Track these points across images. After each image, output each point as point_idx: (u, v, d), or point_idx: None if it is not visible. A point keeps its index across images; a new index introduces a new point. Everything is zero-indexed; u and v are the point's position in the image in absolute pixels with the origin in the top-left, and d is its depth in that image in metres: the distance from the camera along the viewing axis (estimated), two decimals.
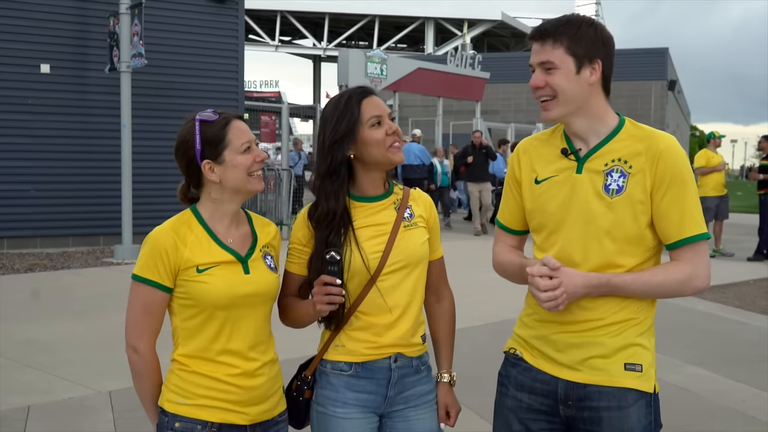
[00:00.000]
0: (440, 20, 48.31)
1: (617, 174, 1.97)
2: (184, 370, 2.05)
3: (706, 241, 1.99)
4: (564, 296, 1.91)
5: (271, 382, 2.12)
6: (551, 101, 1.99)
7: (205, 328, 2.03)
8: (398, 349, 2.16)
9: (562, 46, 1.95)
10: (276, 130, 16.08)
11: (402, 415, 2.19)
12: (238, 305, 2.03)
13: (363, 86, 2.23)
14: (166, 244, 2.01)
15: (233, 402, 2.04)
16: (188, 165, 2.07)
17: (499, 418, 2.16)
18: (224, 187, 2.06)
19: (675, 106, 45.53)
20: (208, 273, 2.01)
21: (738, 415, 4.72)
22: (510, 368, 2.15)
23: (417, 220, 2.21)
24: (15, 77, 10.98)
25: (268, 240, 2.17)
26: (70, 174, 11.41)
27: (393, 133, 2.14)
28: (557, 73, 1.96)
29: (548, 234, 2.05)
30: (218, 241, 2.06)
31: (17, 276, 9.07)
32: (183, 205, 2.16)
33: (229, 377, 2.04)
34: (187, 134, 2.05)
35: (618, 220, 1.95)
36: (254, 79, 48.48)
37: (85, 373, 5.14)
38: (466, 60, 20.67)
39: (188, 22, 12.35)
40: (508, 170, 2.22)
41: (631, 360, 1.98)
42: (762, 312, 7.83)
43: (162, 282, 2.02)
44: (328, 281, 2.03)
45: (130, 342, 2.04)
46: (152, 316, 2.04)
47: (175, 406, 2.04)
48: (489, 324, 6.63)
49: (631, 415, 1.97)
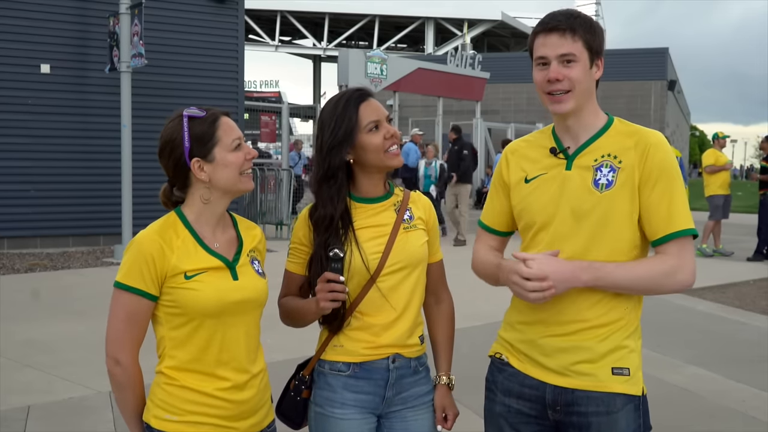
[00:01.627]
0: (440, 20, 48.33)
1: (606, 169, 1.97)
2: (171, 384, 1.94)
3: (692, 238, 1.97)
4: (549, 284, 1.88)
5: (260, 394, 2.05)
6: (566, 94, 1.97)
7: (194, 337, 1.93)
8: (396, 350, 2.16)
9: (581, 40, 1.95)
10: (276, 130, 16.09)
11: (400, 415, 2.19)
12: (227, 312, 1.94)
13: (361, 88, 2.22)
14: (152, 250, 1.89)
15: (223, 417, 1.95)
16: (175, 164, 1.95)
17: (490, 424, 2.15)
18: (213, 186, 1.97)
19: (675, 106, 45.53)
20: (196, 279, 1.91)
21: (738, 415, 4.72)
22: (497, 374, 2.14)
23: (416, 222, 2.22)
24: (15, 77, 10.98)
25: (254, 244, 2.09)
26: (70, 174, 11.41)
27: (391, 137, 2.14)
28: (576, 66, 1.95)
29: (536, 231, 2.04)
30: (205, 246, 1.96)
31: (17, 276, 9.07)
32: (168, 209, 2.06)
33: (220, 392, 1.94)
34: (174, 132, 1.95)
35: (607, 215, 1.95)
36: (254, 79, 48.56)
37: (85, 373, 5.14)
38: (466, 60, 20.67)
39: (188, 22, 12.35)
40: (495, 172, 2.21)
41: (618, 364, 1.97)
42: (762, 312, 7.83)
43: (147, 290, 1.90)
44: (331, 278, 2.03)
45: (112, 354, 1.92)
46: (136, 326, 1.92)
47: (163, 423, 1.93)
48: (489, 324, 6.62)
49: (620, 419, 1.96)
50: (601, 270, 1.92)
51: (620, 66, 32.12)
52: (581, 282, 1.92)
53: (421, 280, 2.22)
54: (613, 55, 33.84)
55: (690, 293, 8.23)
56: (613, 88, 31.89)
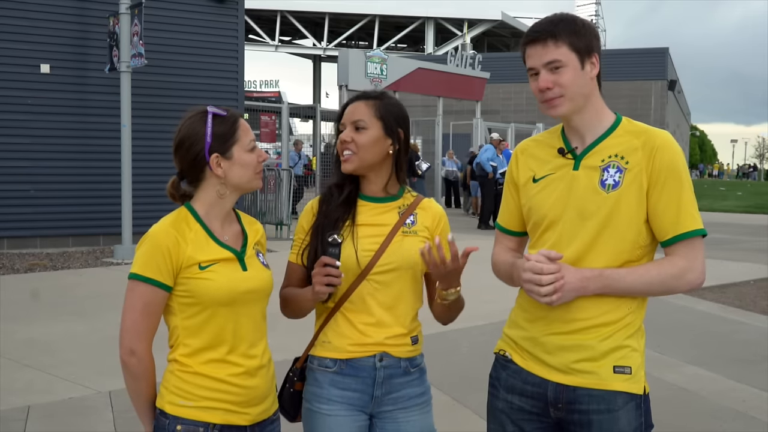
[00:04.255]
0: (440, 20, 48.35)
1: (614, 169, 1.97)
2: (184, 371, 2.02)
3: (702, 238, 1.98)
4: (561, 284, 1.89)
5: (269, 382, 2.12)
6: (559, 98, 1.98)
7: (207, 326, 2.01)
8: (384, 348, 2.17)
9: (565, 43, 1.95)
10: (276, 130, 16.08)
11: (391, 416, 2.20)
12: (238, 302, 2.02)
13: (359, 93, 2.29)
14: (167, 241, 1.98)
15: (235, 403, 2.03)
16: (194, 158, 2.03)
17: (493, 420, 2.16)
18: (227, 182, 2.05)
19: (675, 106, 45.53)
20: (210, 270, 2.00)
21: (738, 415, 4.72)
22: (500, 370, 2.15)
23: (418, 229, 2.23)
24: (15, 77, 10.98)
25: (257, 238, 2.18)
26: (70, 174, 11.41)
27: (344, 142, 2.19)
28: (565, 70, 1.96)
29: (543, 231, 2.05)
30: (215, 238, 2.06)
31: (17, 276, 9.06)
32: (176, 203, 2.13)
33: (232, 377, 2.02)
34: (197, 127, 2.03)
35: (613, 216, 1.95)
36: (254, 79, 48.62)
37: (85, 373, 5.14)
38: (466, 60, 20.67)
39: (188, 22, 12.35)
40: (507, 172, 2.23)
41: (620, 363, 1.97)
42: (762, 312, 7.83)
43: (164, 281, 1.98)
44: (328, 262, 2.04)
45: (128, 345, 1.98)
46: (152, 317, 2.00)
47: (177, 408, 2.01)
48: (489, 324, 6.62)
49: (621, 418, 1.97)
50: (610, 278, 1.93)
51: (620, 66, 32.10)
52: (590, 291, 1.94)
53: (414, 283, 2.23)
54: (613, 55, 33.84)
55: (690, 293, 8.23)
56: (613, 88, 31.87)
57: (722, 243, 12.88)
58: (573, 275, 1.92)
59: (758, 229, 17.01)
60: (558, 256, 1.92)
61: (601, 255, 1.96)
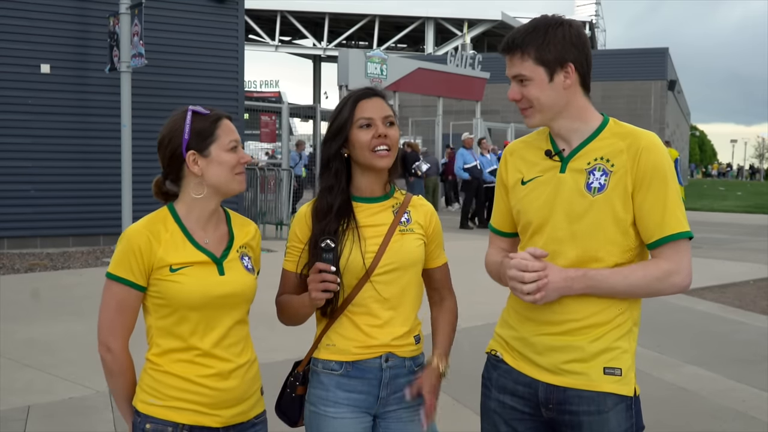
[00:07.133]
0: (440, 20, 48.37)
1: (599, 172, 1.96)
2: (156, 370, 2.02)
3: (688, 240, 1.97)
4: (545, 282, 1.89)
5: (247, 384, 2.08)
6: (529, 109, 2.01)
7: (178, 327, 2.00)
8: (389, 349, 2.16)
9: (530, 57, 1.95)
10: (276, 130, 16.09)
11: (396, 415, 2.19)
12: (212, 306, 2.00)
13: (370, 87, 2.26)
14: (139, 242, 1.98)
15: (205, 404, 2.01)
16: (171, 155, 2.03)
17: (486, 420, 2.16)
18: (205, 182, 2.03)
19: (675, 106, 45.51)
20: (181, 273, 1.98)
21: (738, 415, 4.72)
22: (492, 370, 2.15)
23: (413, 227, 2.22)
24: (15, 77, 10.97)
25: (246, 240, 2.14)
26: (70, 174, 11.40)
27: (380, 137, 2.15)
28: (530, 84, 1.97)
29: (532, 233, 2.05)
30: (193, 241, 2.03)
31: (17, 276, 9.06)
32: (161, 202, 2.13)
33: (202, 378, 2.00)
34: (177, 124, 2.03)
35: (599, 219, 1.95)
36: (254, 79, 48.64)
37: (85, 373, 5.14)
38: (466, 60, 20.69)
39: (188, 22, 12.35)
40: (497, 174, 2.23)
41: (610, 364, 1.97)
42: (762, 312, 7.83)
43: (136, 281, 1.99)
44: (323, 268, 2.03)
45: (104, 341, 2.02)
46: (126, 315, 2.01)
47: (147, 407, 2.01)
48: (489, 324, 6.61)
49: (611, 419, 1.96)
50: (594, 278, 1.93)
51: (620, 66, 32.09)
52: (574, 291, 1.94)
53: (414, 281, 2.23)
54: (613, 55, 33.83)
55: (690, 293, 8.22)
56: (613, 88, 31.83)
57: (722, 243, 12.88)
58: (557, 274, 1.92)
59: (758, 229, 17.01)
60: (543, 254, 1.92)
61: (589, 257, 1.96)
